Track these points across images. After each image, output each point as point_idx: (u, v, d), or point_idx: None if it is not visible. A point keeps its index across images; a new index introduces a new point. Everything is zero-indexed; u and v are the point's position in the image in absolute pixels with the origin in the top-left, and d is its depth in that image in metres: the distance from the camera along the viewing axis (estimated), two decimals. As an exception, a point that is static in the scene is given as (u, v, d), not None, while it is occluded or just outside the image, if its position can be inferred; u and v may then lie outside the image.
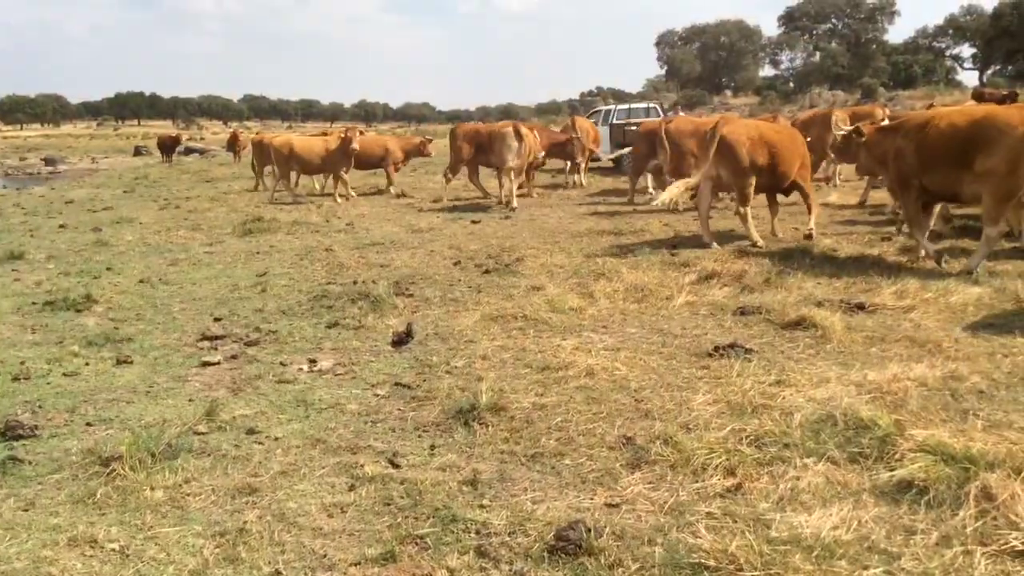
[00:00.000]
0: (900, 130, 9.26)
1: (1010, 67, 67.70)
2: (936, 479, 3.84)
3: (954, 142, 8.36)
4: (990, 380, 5.27)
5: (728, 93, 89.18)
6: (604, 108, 30.58)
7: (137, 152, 50.22)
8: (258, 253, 11.70)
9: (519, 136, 15.75)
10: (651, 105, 30.00)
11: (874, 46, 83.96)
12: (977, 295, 7.35)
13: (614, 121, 26.06)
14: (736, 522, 3.63)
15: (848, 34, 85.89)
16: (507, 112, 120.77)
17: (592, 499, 3.96)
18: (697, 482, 4.06)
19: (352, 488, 4.17)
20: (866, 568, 3.21)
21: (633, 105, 29.74)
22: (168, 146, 39.26)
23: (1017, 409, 4.76)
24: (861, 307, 7.10)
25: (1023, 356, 5.72)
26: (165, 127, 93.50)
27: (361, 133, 19.32)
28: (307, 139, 19.48)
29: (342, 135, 18.14)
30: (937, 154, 8.55)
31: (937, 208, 9.59)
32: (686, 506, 3.83)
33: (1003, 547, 3.32)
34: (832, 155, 12.40)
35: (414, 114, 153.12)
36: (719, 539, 3.45)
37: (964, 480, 3.78)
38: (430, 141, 20.71)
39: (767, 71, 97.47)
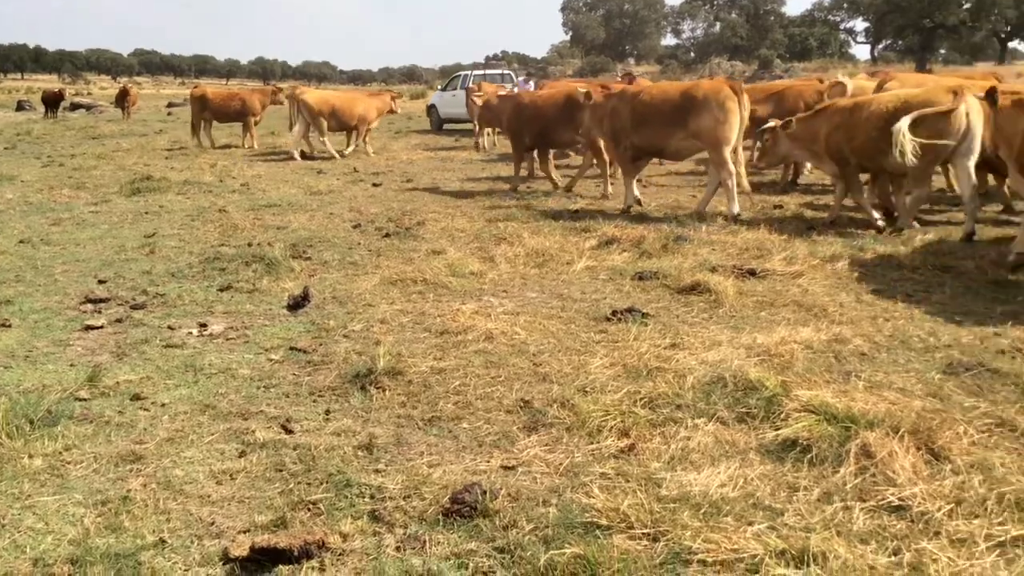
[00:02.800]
0: (618, 97, 11.05)
1: (900, 42, 70.37)
2: (819, 438, 3.98)
3: (666, 107, 10.27)
4: (872, 343, 5.49)
5: (631, 61, 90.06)
6: (462, 73, 32.41)
7: (20, 107, 47.38)
8: (146, 213, 11.24)
9: None
10: (506, 71, 33.24)
11: (772, 18, 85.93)
12: (862, 261, 7.65)
13: (470, 85, 27.59)
14: (628, 482, 3.69)
15: (747, 5, 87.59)
16: (411, 74, 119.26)
17: (489, 462, 3.96)
18: (592, 444, 4.11)
19: (243, 454, 4.06)
20: (751, 524, 3.31)
21: (489, 71, 32.06)
22: (52, 101, 37.31)
23: (897, 370, 4.98)
24: (752, 273, 7.30)
25: (903, 320, 5.98)
26: (50, 81, 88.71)
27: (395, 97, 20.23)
28: (346, 95, 20.09)
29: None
30: (648, 117, 10.42)
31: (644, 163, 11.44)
32: (581, 467, 3.87)
33: (880, 503, 3.47)
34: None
35: (314, 73, 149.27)
36: (611, 498, 3.50)
37: (845, 439, 3.93)
38: (399, 96, 21.15)
39: (669, 40, 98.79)
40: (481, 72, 31.63)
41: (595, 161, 12.72)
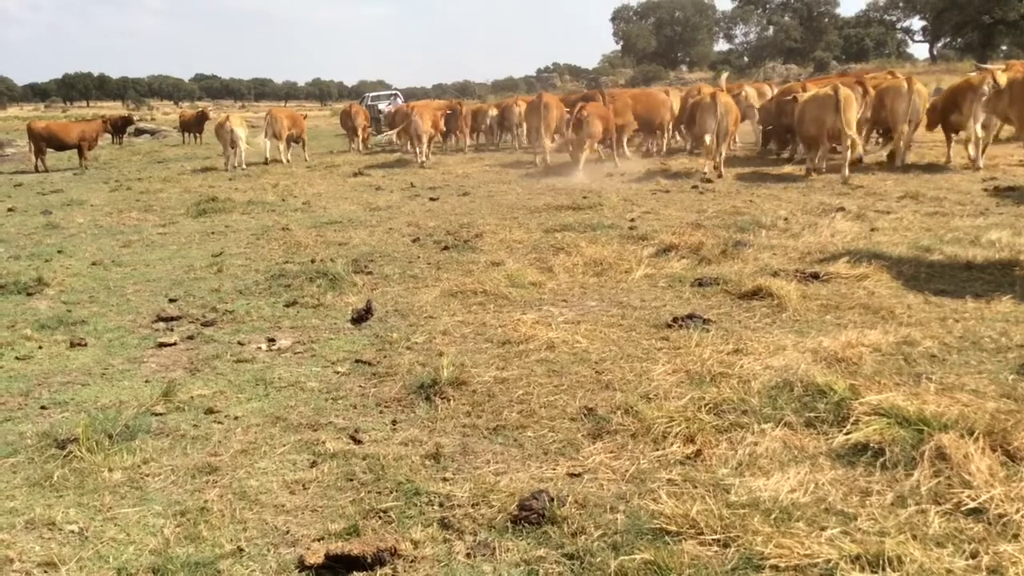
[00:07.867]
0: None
1: (959, 39, 68.63)
2: (891, 441, 3.92)
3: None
4: (942, 344, 5.38)
5: (684, 68, 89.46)
6: (368, 94, 44.45)
7: (86, 133, 48.98)
8: (213, 233, 11.54)
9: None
10: (396, 92, 44.47)
11: (826, 19, 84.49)
12: (929, 262, 7.50)
13: (368, 103, 38.09)
14: (696, 488, 3.68)
15: (800, 7, 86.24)
16: (463, 89, 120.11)
17: (555, 469, 3.99)
18: (658, 450, 4.10)
19: (314, 465, 4.15)
20: (823, 529, 3.27)
21: (382, 93, 44.46)
22: (119, 127, 38.40)
23: (968, 372, 4.88)
24: (816, 276, 7.21)
25: (974, 320, 5.85)
26: (115, 108, 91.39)
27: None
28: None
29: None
30: None
31: None
32: (647, 474, 3.87)
33: (957, 505, 3.41)
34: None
35: (370, 92, 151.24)
36: (680, 504, 3.49)
37: (918, 441, 3.87)
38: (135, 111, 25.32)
39: (721, 45, 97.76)
40: (376, 94, 44.16)
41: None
